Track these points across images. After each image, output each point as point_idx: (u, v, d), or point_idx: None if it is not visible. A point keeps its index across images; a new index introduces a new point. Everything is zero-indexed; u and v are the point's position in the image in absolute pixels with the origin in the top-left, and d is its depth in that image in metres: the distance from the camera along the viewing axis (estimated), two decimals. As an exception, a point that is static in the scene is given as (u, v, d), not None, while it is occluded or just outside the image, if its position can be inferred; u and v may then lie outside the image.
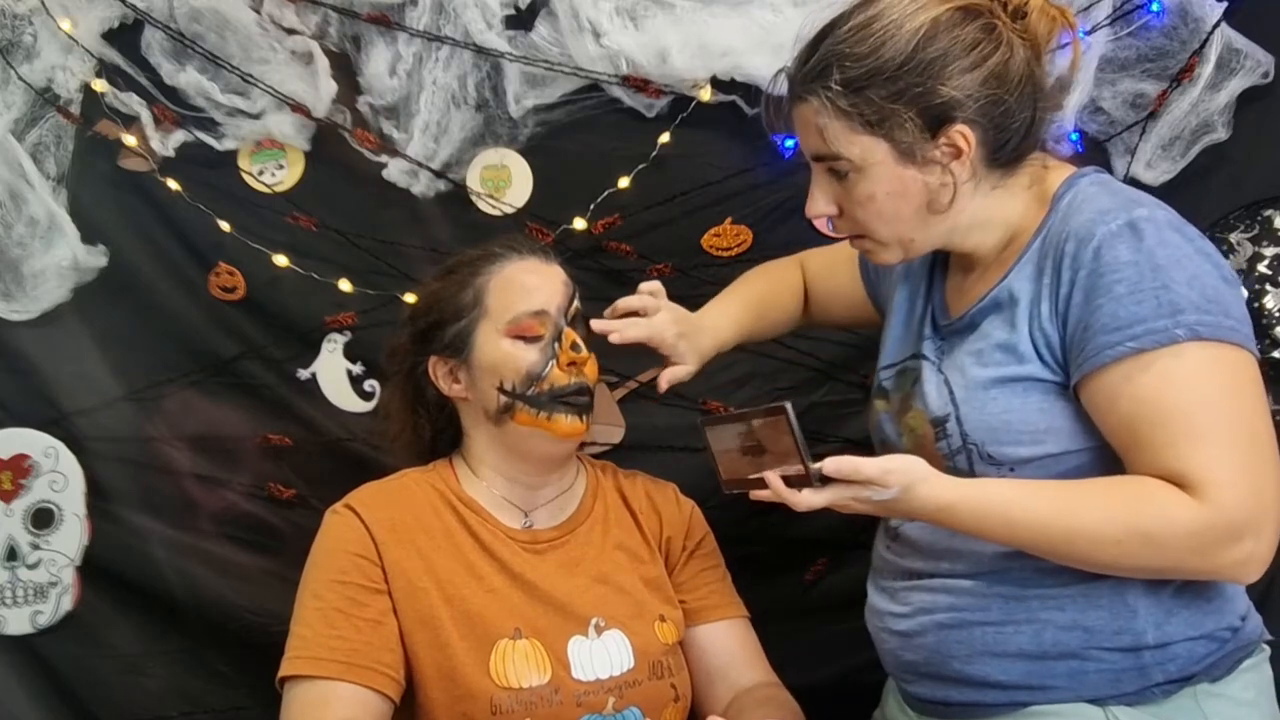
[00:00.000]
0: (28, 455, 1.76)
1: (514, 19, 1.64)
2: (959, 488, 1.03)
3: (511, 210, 1.68)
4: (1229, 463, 0.98)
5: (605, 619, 1.26)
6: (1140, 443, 1.01)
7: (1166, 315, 0.99)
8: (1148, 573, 1.04)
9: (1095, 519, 1.00)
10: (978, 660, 1.10)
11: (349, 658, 1.16)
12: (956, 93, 1.04)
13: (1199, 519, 0.97)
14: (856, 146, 1.07)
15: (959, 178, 1.08)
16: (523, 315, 1.26)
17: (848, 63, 1.05)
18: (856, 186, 1.09)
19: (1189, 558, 1.00)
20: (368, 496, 1.28)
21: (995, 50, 1.06)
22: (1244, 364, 1.01)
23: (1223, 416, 0.99)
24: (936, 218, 1.10)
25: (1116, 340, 1.00)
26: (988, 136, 1.07)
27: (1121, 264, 1.01)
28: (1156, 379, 0.99)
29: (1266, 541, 1.00)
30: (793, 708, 1.25)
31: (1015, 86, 1.06)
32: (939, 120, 1.05)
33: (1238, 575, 1.02)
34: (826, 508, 1.05)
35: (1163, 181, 1.54)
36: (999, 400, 1.07)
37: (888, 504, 1.03)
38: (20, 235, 1.74)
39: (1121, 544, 1.00)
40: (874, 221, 1.11)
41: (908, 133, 1.05)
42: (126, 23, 1.71)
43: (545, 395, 1.25)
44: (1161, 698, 1.05)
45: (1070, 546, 1.02)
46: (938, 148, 1.06)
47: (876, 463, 1.02)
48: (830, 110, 1.06)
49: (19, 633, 1.76)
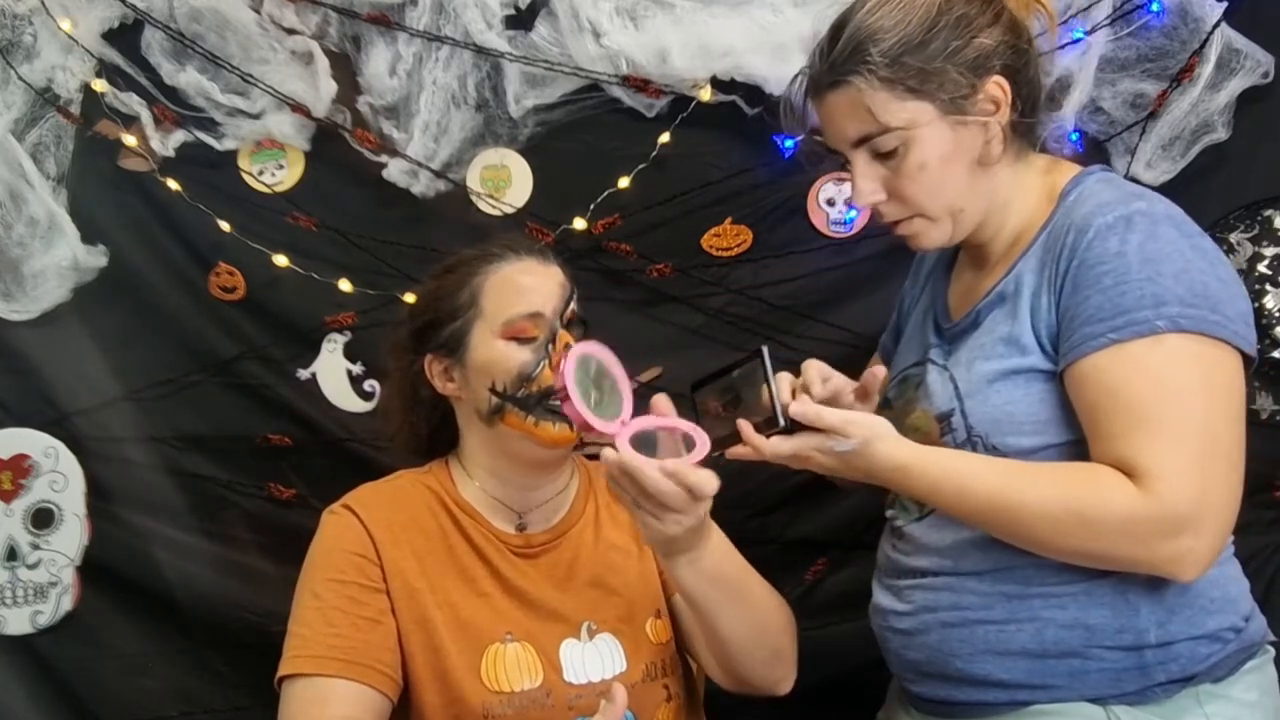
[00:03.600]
0: (28, 455, 1.76)
1: (514, 19, 1.64)
2: (916, 450, 1.05)
3: (511, 210, 1.68)
4: (1178, 456, 0.98)
5: (597, 622, 1.26)
6: (1100, 430, 1.02)
7: (1149, 306, 1.00)
8: (1087, 558, 1.04)
9: (1039, 495, 1.01)
10: (980, 659, 1.10)
11: (348, 656, 1.16)
12: (989, 41, 1.09)
13: (1136, 507, 0.98)
14: (905, 112, 1.09)
15: (1002, 124, 1.11)
16: (517, 317, 1.25)
17: (880, 35, 1.08)
18: (906, 159, 1.10)
19: (1123, 544, 1.00)
20: (365, 497, 1.28)
21: (1003, 5, 1.12)
22: (1222, 361, 1.02)
23: (1183, 410, 1.00)
24: (985, 177, 1.12)
25: (1099, 331, 1.01)
26: (1019, 89, 1.11)
27: (1111, 255, 1.02)
28: (1126, 369, 1.00)
29: (1207, 540, 1.00)
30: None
31: (1026, 36, 1.12)
32: (978, 72, 1.09)
33: (1173, 570, 1.01)
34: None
35: (1163, 181, 1.54)
36: (1002, 392, 1.08)
37: (848, 458, 1.05)
38: (20, 235, 1.74)
39: (1060, 522, 1.01)
40: (925, 195, 1.12)
41: (950, 90, 1.08)
42: (126, 23, 1.71)
43: (534, 397, 1.24)
44: (1163, 697, 1.05)
45: (1013, 522, 1.03)
46: (978, 102, 1.09)
47: (840, 413, 1.05)
48: (874, 83, 1.08)
49: (19, 633, 1.76)
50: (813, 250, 1.65)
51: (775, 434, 1.06)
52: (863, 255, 1.65)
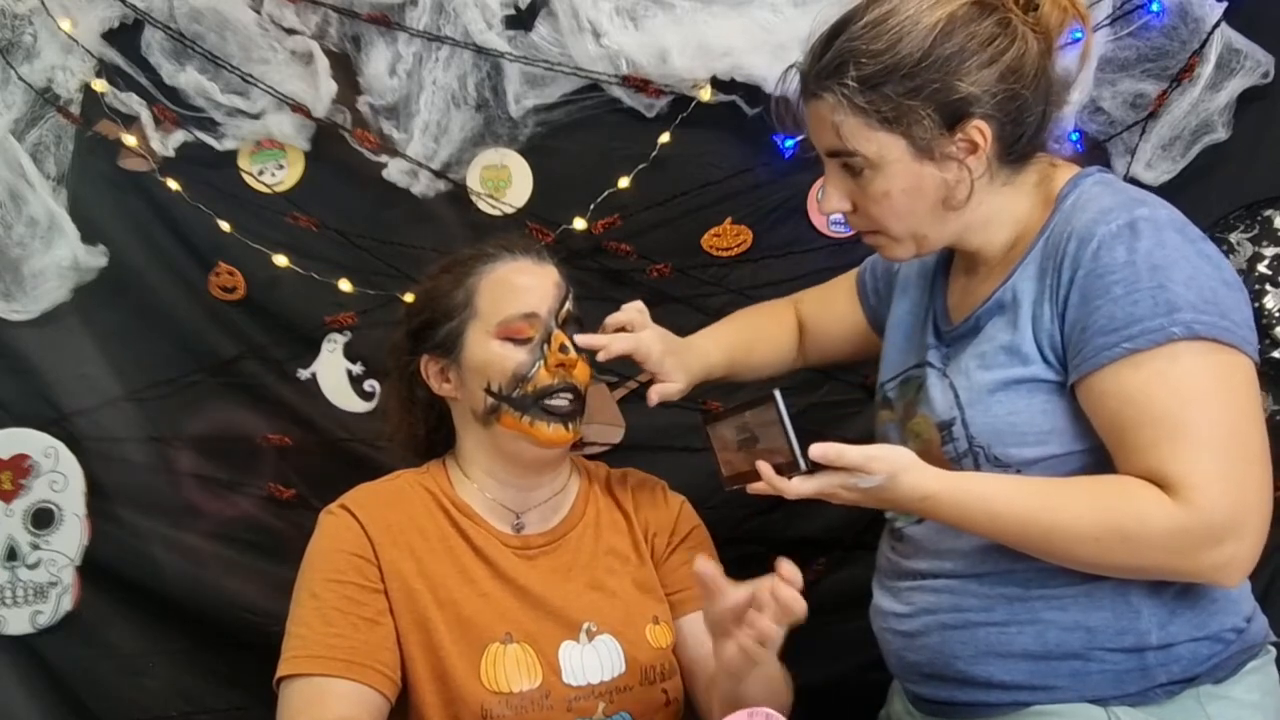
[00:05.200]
0: (28, 455, 1.77)
1: (514, 19, 1.64)
2: (942, 478, 1.04)
3: (511, 210, 1.68)
4: (1211, 465, 0.97)
5: (597, 624, 1.26)
6: (1126, 443, 1.01)
7: (1163, 314, 0.99)
8: (1129, 572, 1.03)
9: (1075, 515, 1.00)
10: (981, 660, 1.10)
11: (347, 655, 1.16)
12: (974, 88, 1.04)
13: (1176, 520, 0.97)
14: (873, 144, 1.06)
15: (974, 173, 1.08)
16: (512, 317, 1.25)
17: (864, 59, 1.04)
18: (872, 183, 1.09)
19: (1167, 558, 1.00)
20: (363, 497, 1.28)
21: (1010, 45, 1.05)
22: (1238, 367, 1.01)
23: (1208, 418, 0.99)
24: (952, 214, 1.10)
25: (1113, 342, 1.00)
26: (1003, 132, 1.07)
27: (1119, 264, 1.01)
28: (1146, 379, 0.99)
29: (1249, 544, 0.99)
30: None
31: (1030, 81, 1.06)
32: (956, 116, 1.05)
33: (1218, 578, 1.01)
34: (823, 501, 1.06)
35: (1163, 181, 1.53)
36: (1004, 402, 1.07)
37: (873, 492, 1.04)
38: (20, 235, 1.74)
39: (1100, 541, 1.00)
40: (889, 218, 1.11)
41: (924, 129, 1.05)
42: (126, 23, 1.71)
43: (530, 397, 1.24)
44: (1165, 698, 1.05)
45: (1050, 542, 1.02)
46: (954, 144, 1.06)
47: (862, 450, 1.03)
48: (846, 107, 1.06)
49: (19, 633, 1.76)
50: (813, 250, 1.65)
51: (797, 474, 1.05)
52: (863, 255, 1.63)
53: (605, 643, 1.25)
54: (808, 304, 1.45)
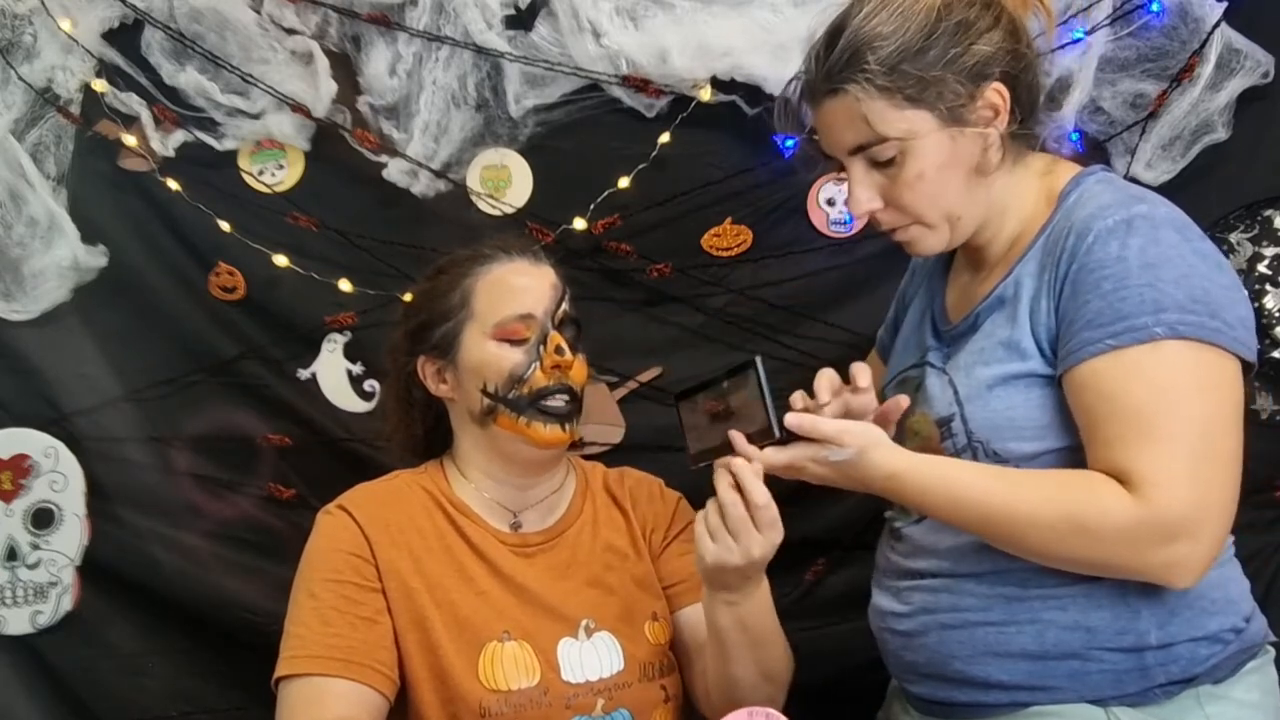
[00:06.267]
0: (28, 455, 1.77)
1: (514, 19, 1.64)
2: (909, 459, 1.05)
3: (511, 210, 1.68)
4: (1174, 463, 0.97)
5: (595, 621, 1.26)
6: (1096, 437, 1.01)
7: (1149, 313, 0.99)
8: (1083, 565, 1.03)
9: (1033, 504, 1.01)
10: (980, 660, 1.10)
11: (346, 655, 1.16)
12: (987, 47, 1.07)
13: (1132, 515, 0.97)
14: (903, 122, 1.07)
15: (1000, 130, 1.09)
16: (508, 318, 1.25)
17: (878, 43, 1.06)
18: (904, 168, 1.09)
19: (1119, 552, 1.00)
20: (360, 497, 1.28)
21: (1002, 8, 1.09)
22: (1220, 368, 1.01)
23: (1179, 417, 0.99)
24: (983, 185, 1.11)
25: (1098, 337, 1.00)
26: (1018, 94, 1.09)
27: (1111, 260, 1.01)
28: (1123, 375, 0.99)
29: (1204, 547, 0.99)
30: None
31: (1025, 38, 1.10)
32: (977, 79, 1.07)
33: (1168, 577, 1.00)
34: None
35: (1163, 181, 1.53)
36: (1003, 397, 1.07)
37: (842, 467, 1.04)
38: (20, 235, 1.74)
39: (1054, 529, 1.00)
40: (923, 203, 1.11)
41: (948, 99, 1.07)
42: (126, 23, 1.71)
43: (526, 399, 1.24)
44: (1164, 699, 1.05)
45: (1009, 528, 1.02)
46: (977, 110, 1.08)
47: (835, 421, 1.04)
48: (872, 91, 1.07)
49: (19, 633, 1.76)
50: (813, 250, 1.65)
51: (770, 444, 1.05)
52: (863, 255, 1.64)
53: (604, 639, 1.25)
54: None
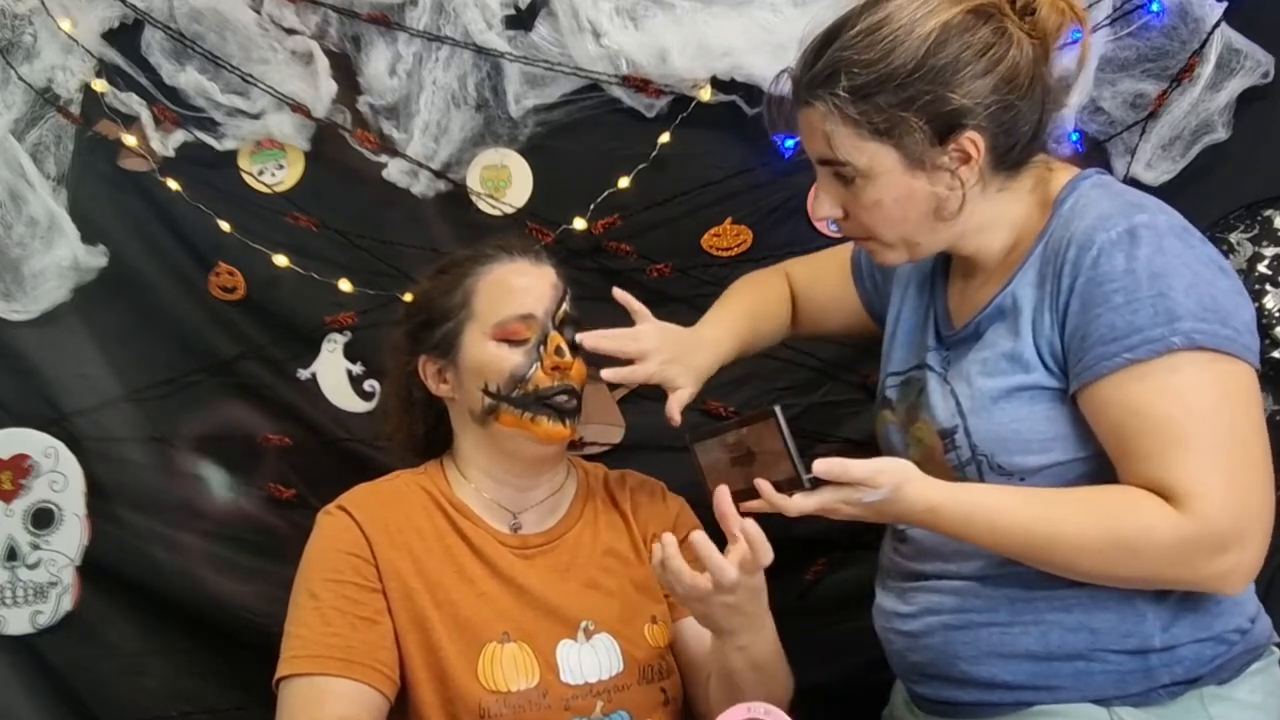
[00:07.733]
0: (28, 455, 1.76)
1: (514, 19, 1.64)
2: (945, 490, 1.03)
3: (511, 210, 1.68)
4: (1214, 474, 0.97)
5: (595, 622, 1.26)
6: (1129, 452, 1.00)
7: (1163, 323, 0.98)
8: (1132, 582, 1.03)
9: (1078, 527, 1.00)
10: (984, 661, 1.10)
11: (346, 655, 1.16)
12: (967, 100, 1.02)
13: (1180, 531, 0.97)
14: (864, 154, 1.05)
15: (967, 183, 1.06)
16: (509, 319, 1.25)
17: (856, 69, 1.03)
18: (863, 192, 1.08)
19: (1171, 568, 1.00)
20: (360, 497, 1.28)
21: (1006, 53, 1.04)
22: (1239, 375, 1.00)
23: (1210, 427, 0.98)
24: (944, 224, 1.09)
25: (1114, 351, 0.99)
26: (996, 141, 1.05)
27: (1119, 272, 1.00)
28: (1148, 389, 0.99)
29: (1252, 553, 0.99)
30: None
31: (1025, 89, 1.05)
32: (949, 127, 1.03)
33: (1221, 587, 1.01)
34: (820, 514, 1.05)
35: (1163, 182, 1.53)
36: (1007, 410, 1.07)
37: (877, 506, 1.03)
38: (20, 235, 1.74)
39: (1103, 552, 0.99)
40: (880, 226, 1.10)
41: (916, 141, 1.04)
42: (126, 23, 1.71)
43: (529, 398, 1.24)
44: (1167, 699, 1.05)
45: (1053, 553, 1.02)
46: (946, 154, 1.05)
47: (866, 463, 1.01)
48: (837, 117, 1.05)
49: (19, 633, 1.76)
50: (812, 250, 1.65)
51: (798, 492, 1.04)
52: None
53: (603, 641, 1.25)
54: (798, 276, 1.44)
